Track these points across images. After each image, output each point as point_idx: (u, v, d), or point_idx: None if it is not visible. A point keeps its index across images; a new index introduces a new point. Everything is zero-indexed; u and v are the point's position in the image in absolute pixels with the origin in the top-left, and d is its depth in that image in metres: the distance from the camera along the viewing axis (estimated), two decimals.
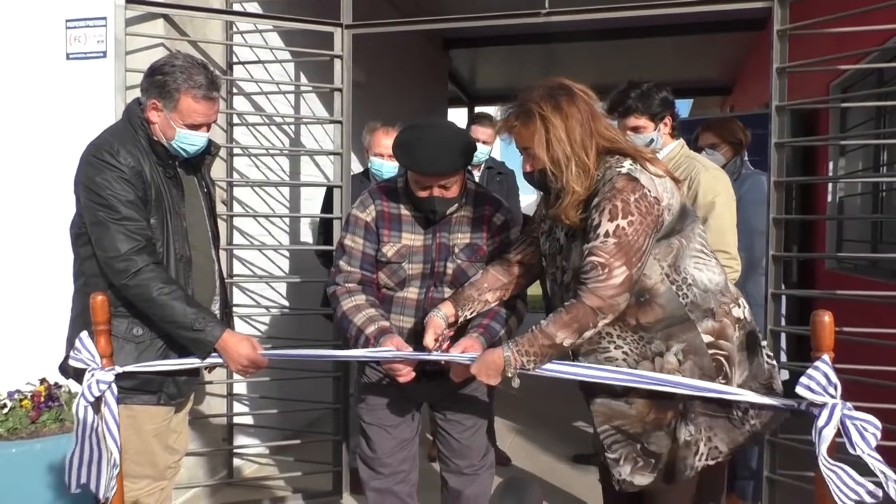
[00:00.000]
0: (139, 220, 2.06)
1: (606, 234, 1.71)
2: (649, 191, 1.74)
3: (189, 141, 2.16)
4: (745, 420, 1.81)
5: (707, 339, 1.78)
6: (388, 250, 2.22)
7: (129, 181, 2.06)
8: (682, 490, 1.88)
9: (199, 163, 2.34)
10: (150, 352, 2.14)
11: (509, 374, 1.82)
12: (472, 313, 2.13)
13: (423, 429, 2.50)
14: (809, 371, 1.59)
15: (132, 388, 2.14)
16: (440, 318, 2.07)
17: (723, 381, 1.78)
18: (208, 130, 2.21)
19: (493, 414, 2.49)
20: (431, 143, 2.07)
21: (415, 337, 2.20)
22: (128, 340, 2.12)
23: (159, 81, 2.10)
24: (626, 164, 1.77)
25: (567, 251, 1.87)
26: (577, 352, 1.87)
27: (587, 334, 1.76)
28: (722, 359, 1.79)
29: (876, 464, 1.58)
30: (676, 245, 1.80)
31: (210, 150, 2.33)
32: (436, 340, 2.04)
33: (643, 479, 1.83)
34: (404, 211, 2.24)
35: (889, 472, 1.58)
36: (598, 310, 1.72)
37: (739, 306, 1.86)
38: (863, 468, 1.61)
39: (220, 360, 2.16)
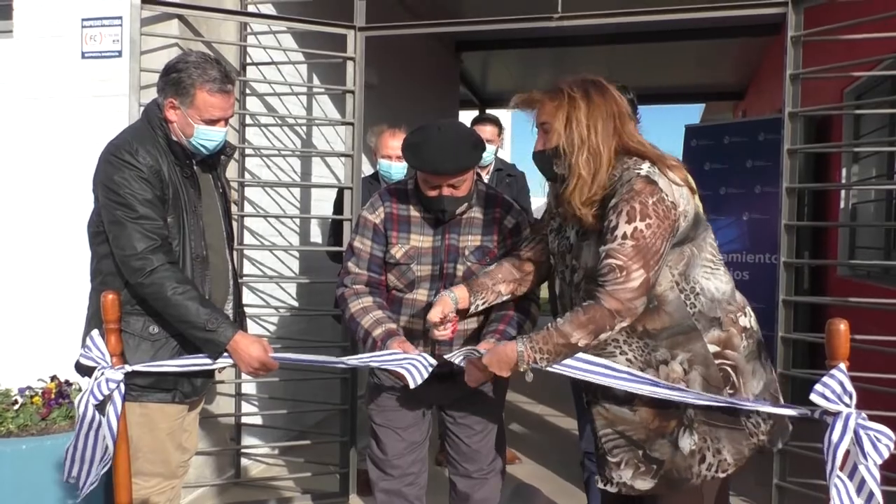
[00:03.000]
0: (156, 220, 2.07)
1: (624, 237, 1.69)
2: (667, 195, 1.73)
3: (208, 137, 2.17)
4: (754, 433, 1.80)
5: (713, 348, 1.76)
6: (397, 252, 2.23)
7: (147, 180, 2.07)
8: (689, 499, 1.86)
9: (214, 163, 2.36)
10: (165, 350, 2.14)
11: (521, 370, 1.80)
12: (483, 303, 2.10)
13: (431, 432, 2.49)
14: (825, 379, 1.58)
15: (147, 385, 2.14)
16: (451, 298, 2.05)
17: (730, 392, 1.76)
18: (226, 125, 2.22)
19: (503, 418, 2.47)
20: (439, 143, 2.09)
21: (424, 339, 2.20)
22: (144, 339, 2.13)
23: (174, 79, 2.12)
24: (645, 167, 1.75)
25: (578, 250, 1.85)
26: (584, 353, 1.84)
27: (602, 336, 1.74)
28: (729, 369, 1.77)
29: (870, 480, 1.56)
30: (688, 253, 1.78)
31: (226, 150, 2.35)
32: (441, 320, 2.02)
33: (644, 484, 1.82)
34: (413, 212, 2.25)
35: (878, 493, 1.57)
36: (616, 312, 1.70)
37: (746, 315, 1.84)
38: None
39: (230, 361, 2.16)
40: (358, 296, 2.23)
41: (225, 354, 2.13)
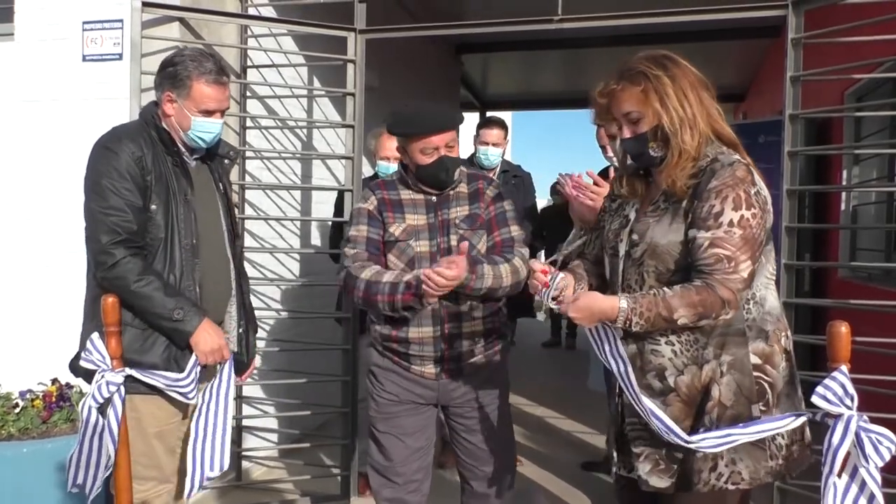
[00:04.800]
0: (125, 213, 2.08)
1: (731, 224, 1.64)
2: (761, 188, 1.71)
3: (204, 128, 2.21)
4: (775, 455, 1.75)
5: (755, 360, 1.73)
6: (395, 230, 2.29)
7: (125, 169, 2.09)
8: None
9: (215, 164, 2.37)
10: (154, 337, 2.14)
11: (618, 325, 1.71)
12: (580, 289, 2.01)
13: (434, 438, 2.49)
14: (826, 381, 1.57)
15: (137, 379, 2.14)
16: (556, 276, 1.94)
17: (762, 408, 1.73)
18: (221, 117, 2.25)
19: (510, 413, 2.48)
20: (426, 108, 2.29)
21: (433, 318, 2.23)
22: (133, 326, 2.13)
23: (171, 72, 2.18)
24: (737, 157, 1.73)
25: (641, 226, 1.80)
26: (627, 332, 1.78)
27: (702, 323, 1.68)
28: (766, 385, 1.73)
29: (871, 482, 1.56)
30: (757, 259, 1.74)
31: (230, 153, 2.40)
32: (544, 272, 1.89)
33: (660, 482, 1.79)
34: (405, 196, 2.34)
35: (879, 495, 1.56)
36: (727, 303, 1.63)
37: (787, 337, 1.82)
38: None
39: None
40: (365, 266, 2.24)
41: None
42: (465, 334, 2.27)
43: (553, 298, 1.83)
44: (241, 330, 2.39)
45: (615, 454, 1.92)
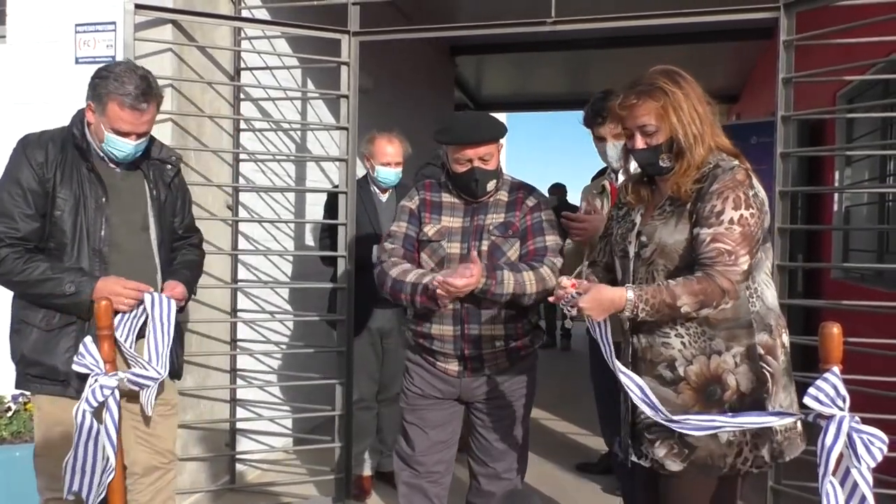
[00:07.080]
0: (12, 220, 2.11)
1: (731, 222, 1.78)
2: (759, 192, 1.84)
3: (115, 146, 2.20)
4: (780, 440, 1.86)
5: (759, 350, 1.84)
6: (430, 230, 2.40)
7: (23, 177, 2.12)
8: (700, 491, 1.90)
9: (151, 168, 2.35)
10: (57, 338, 2.15)
11: (625, 315, 1.82)
12: None
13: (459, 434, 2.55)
14: (818, 382, 1.58)
15: (38, 375, 2.15)
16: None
17: (765, 396, 1.83)
18: (137, 139, 2.22)
19: (530, 417, 2.53)
20: (466, 119, 2.40)
21: (454, 318, 2.32)
22: (37, 328, 2.13)
23: (93, 84, 2.18)
24: (737, 162, 1.86)
25: (650, 228, 1.91)
26: (638, 327, 1.90)
27: (703, 312, 1.79)
28: (767, 374, 1.84)
29: (863, 483, 1.57)
30: (757, 256, 1.86)
31: (171, 158, 2.38)
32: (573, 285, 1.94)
33: (674, 466, 1.87)
34: (445, 199, 2.45)
35: (870, 496, 1.57)
36: (726, 292, 1.75)
37: (786, 334, 1.92)
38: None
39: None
40: (396, 263, 2.36)
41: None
42: (484, 336, 2.33)
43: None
44: None
45: (628, 441, 2.00)
